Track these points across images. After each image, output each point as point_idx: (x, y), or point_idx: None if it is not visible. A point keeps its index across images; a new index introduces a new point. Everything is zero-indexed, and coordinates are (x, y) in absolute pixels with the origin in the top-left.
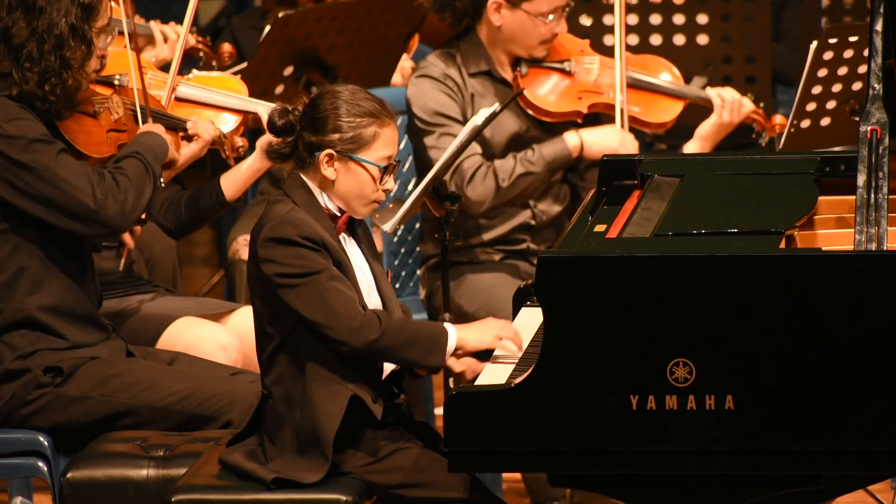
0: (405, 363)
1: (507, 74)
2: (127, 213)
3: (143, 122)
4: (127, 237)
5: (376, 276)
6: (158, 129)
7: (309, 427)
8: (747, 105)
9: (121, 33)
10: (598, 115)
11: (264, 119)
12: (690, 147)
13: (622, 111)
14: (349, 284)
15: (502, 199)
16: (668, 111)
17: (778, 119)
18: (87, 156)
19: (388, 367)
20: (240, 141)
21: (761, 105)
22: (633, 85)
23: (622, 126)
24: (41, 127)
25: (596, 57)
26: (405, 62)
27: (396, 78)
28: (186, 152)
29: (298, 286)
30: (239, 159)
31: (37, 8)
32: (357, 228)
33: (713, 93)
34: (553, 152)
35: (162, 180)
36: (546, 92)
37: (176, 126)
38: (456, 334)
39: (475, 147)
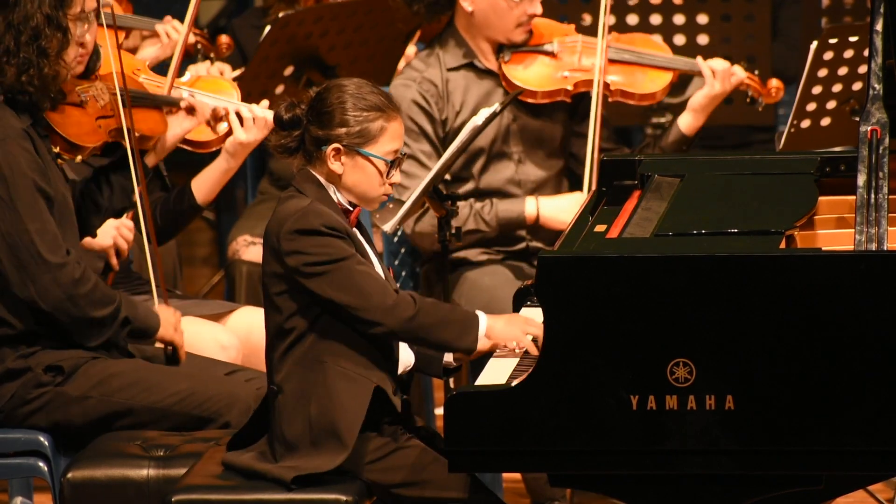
0: (439, 344)
1: (491, 63)
2: (65, 295)
3: (124, 107)
4: (113, 259)
5: (384, 274)
6: (166, 312)
7: (327, 419)
8: (739, 73)
9: (110, 26)
10: (585, 97)
11: (232, 118)
12: (683, 119)
13: (598, 92)
14: (376, 271)
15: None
16: (656, 81)
17: (774, 83)
18: (80, 146)
19: (402, 365)
20: (221, 111)
21: (756, 73)
22: (620, 59)
23: (598, 107)
24: (32, 161)
25: (579, 37)
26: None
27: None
28: (178, 131)
29: (328, 273)
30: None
31: (10, 1)
32: (363, 225)
33: (703, 65)
34: (508, 215)
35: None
36: (530, 74)
37: (160, 104)
38: (486, 321)
39: (428, 149)
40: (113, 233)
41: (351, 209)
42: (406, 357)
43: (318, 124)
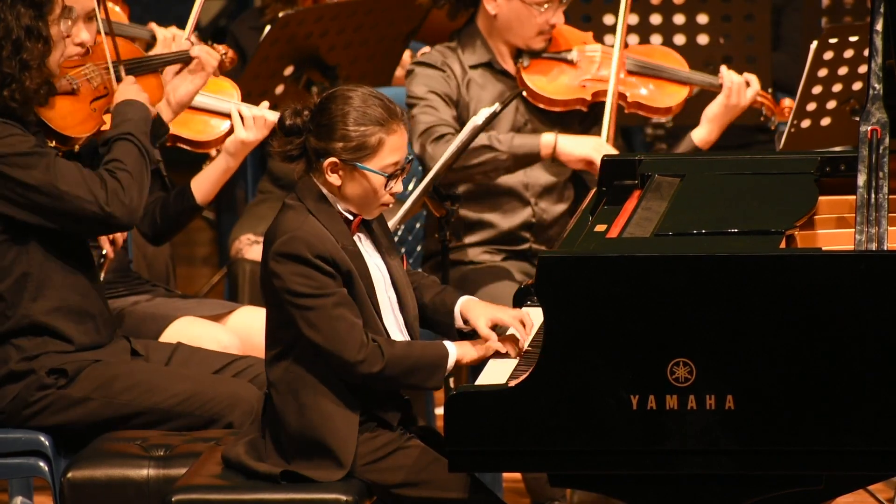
0: (407, 388)
1: (509, 66)
2: (133, 210)
3: (119, 81)
4: (107, 246)
5: (392, 270)
6: (133, 90)
7: (314, 435)
8: (754, 84)
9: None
10: (601, 106)
11: (234, 118)
12: (698, 132)
13: (613, 98)
14: (356, 311)
15: (458, 163)
16: (673, 96)
17: (787, 102)
18: (74, 138)
19: None
20: (231, 53)
21: (769, 91)
22: (638, 71)
23: (612, 118)
24: (29, 138)
25: (598, 46)
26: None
27: (402, 72)
28: (190, 88)
29: (305, 308)
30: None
31: None
32: (372, 223)
33: (725, 74)
34: (523, 143)
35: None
36: (549, 82)
37: (158, 67)
38: (455, 354)
39: (454, 123)
40: None
41: (352, 218)
42: None
43: (317, 136)
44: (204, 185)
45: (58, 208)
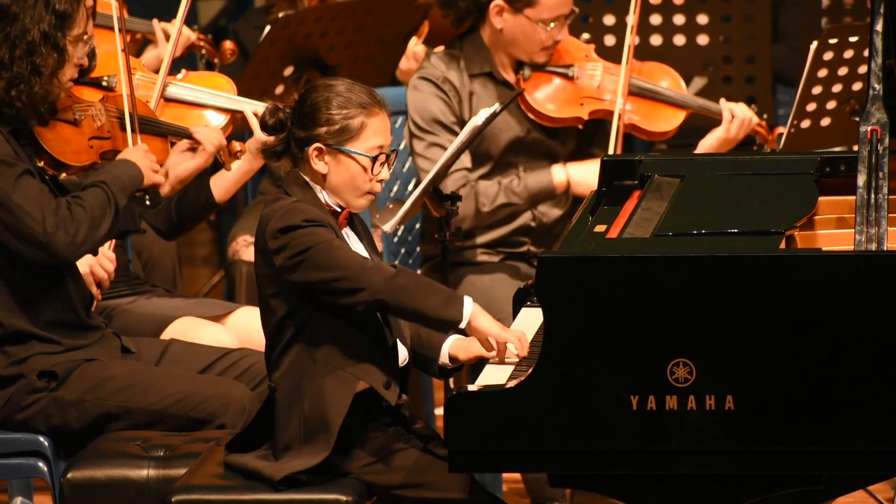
0: (424, 310)
1: (510, 77)
2: (77, 244)
3: (132, 131)
4: (94, 289)
5: None
6: (138, 154)
7: (317, 416)
8: (754, 118)
9: (110, 28)
10: (602, 122)
11: (250, 119)
12: None
13: (620, 118)
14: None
15: (479, 223)
16: (669, 120)
17: (779, 130)
18: (65, 164)
19: (402, 357)
20: (238, 146)
21: (764, 117)
22: (637, 93)
23: (619, 134)
24: (5, 147)
25: (599, 63)
26: (417, 47)
27: (408, 63)
28: (191, 165)
29: (308, 258)
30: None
31: (10, 14)
32: (357, 225)
33: (725, 107)
34: (538, 185)
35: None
36: (548, 97)
37: (166, 133)
38: (473, 303)
39: (464, 160)
40: (90, 260)
41: (339, 210)
42: (401, 350)
43: (300, 126)
44: (224, 184)
45: (5, 220)
